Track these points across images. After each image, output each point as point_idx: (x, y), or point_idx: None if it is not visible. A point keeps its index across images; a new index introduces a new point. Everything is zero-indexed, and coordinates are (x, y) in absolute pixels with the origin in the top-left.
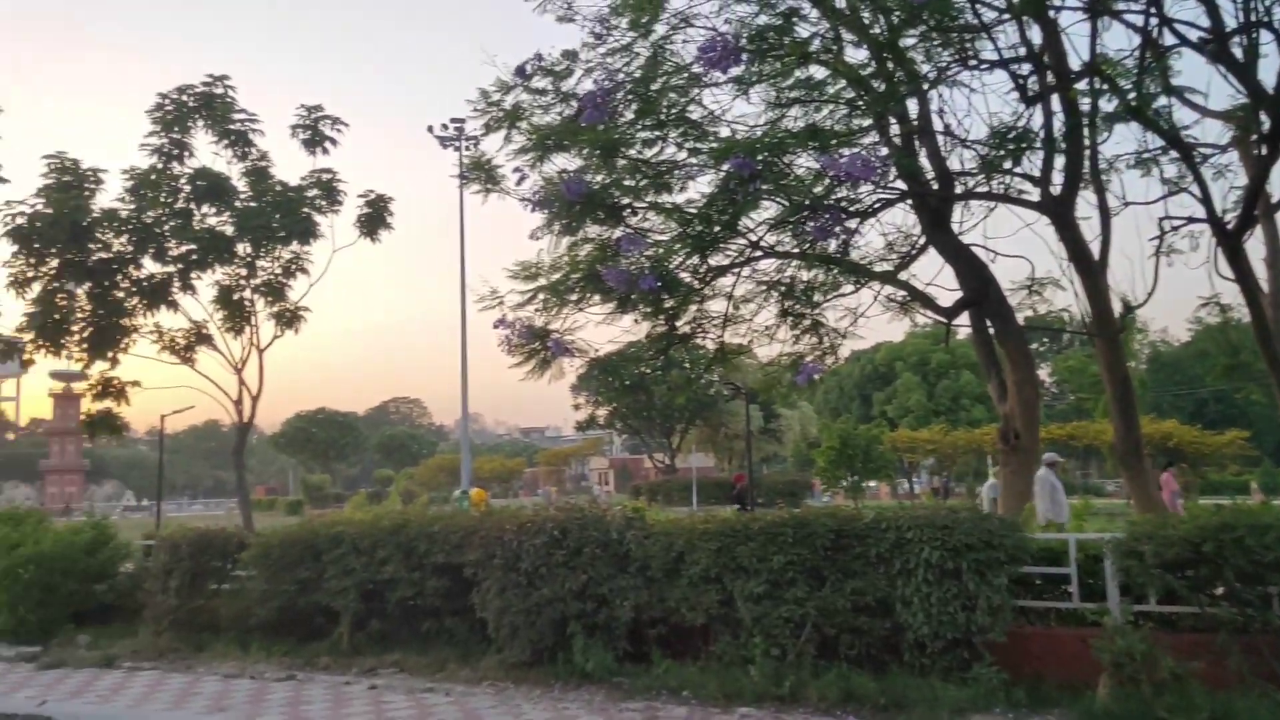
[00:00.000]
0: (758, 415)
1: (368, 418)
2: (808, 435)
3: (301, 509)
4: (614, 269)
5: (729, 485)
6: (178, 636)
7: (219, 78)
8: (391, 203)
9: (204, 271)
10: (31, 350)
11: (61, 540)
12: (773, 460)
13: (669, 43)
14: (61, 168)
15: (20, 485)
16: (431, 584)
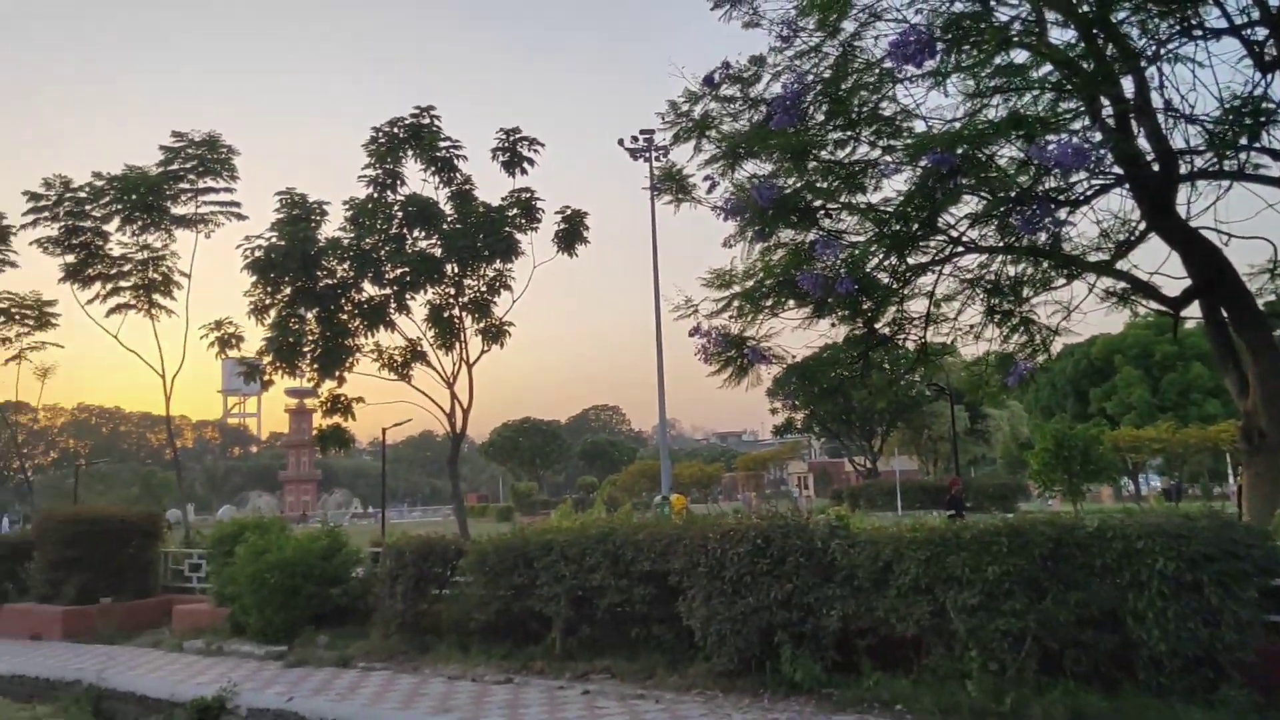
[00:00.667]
0: (963, 416)
1: (570, 425)
2: (1018, 436)
3: (512, 515)
4: (809, 274)
5: (934, 489)
6: (405, 639)
7: (425, 109)
8: (587, 217)
9: (417, 292)
10: (270, 372)
11: (301, 547)
12: (980, 462)
13: (858, 40)
14: (291, 202)
15: (263, 494)
16: (638, 591)
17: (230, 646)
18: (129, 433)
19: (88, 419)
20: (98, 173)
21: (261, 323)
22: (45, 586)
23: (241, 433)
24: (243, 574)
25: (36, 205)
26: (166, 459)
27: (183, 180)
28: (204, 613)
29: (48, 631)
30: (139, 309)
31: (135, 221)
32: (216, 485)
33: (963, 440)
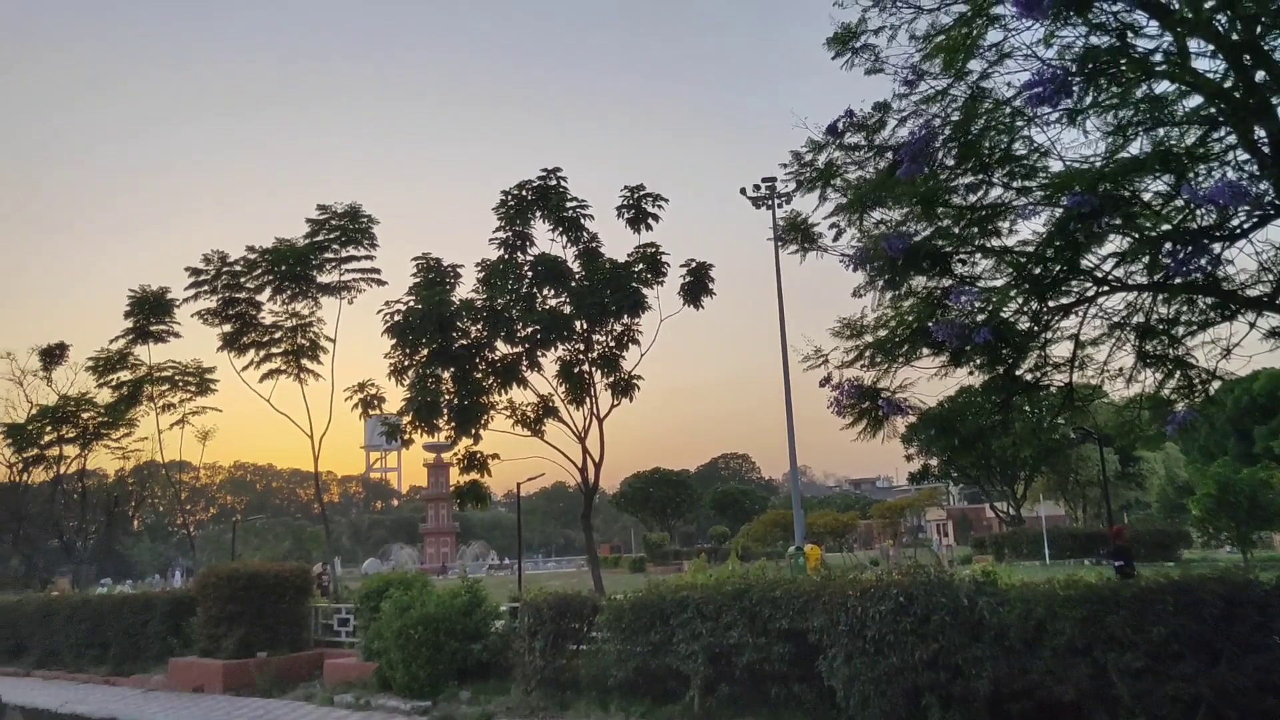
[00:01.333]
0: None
1: (699, 475)
2: (1175, 479)
3: (644, 566)
4: (943, 323)
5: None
6: (545, 695)
7: (552, 170)
8: (712, 269)
9: (547, 349)
10: (410, 430)
11: (443, 603)
12: (1134, 507)
13: (986, 80)
14: (426, 266)
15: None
16: (777, 649)
17: (378, 701)
18: (280, 488)
19: (243, 476)
20: (251, 246)
21: (401, 383)
22: (207, 640)
23: (383, 487)
24: (389, 629)
25: (197, 280)
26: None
27: (327, 250)
28: (353, 667)
29: (210, 684)
30: (289, 373)
31: (285, 291)
32: (361, 538)
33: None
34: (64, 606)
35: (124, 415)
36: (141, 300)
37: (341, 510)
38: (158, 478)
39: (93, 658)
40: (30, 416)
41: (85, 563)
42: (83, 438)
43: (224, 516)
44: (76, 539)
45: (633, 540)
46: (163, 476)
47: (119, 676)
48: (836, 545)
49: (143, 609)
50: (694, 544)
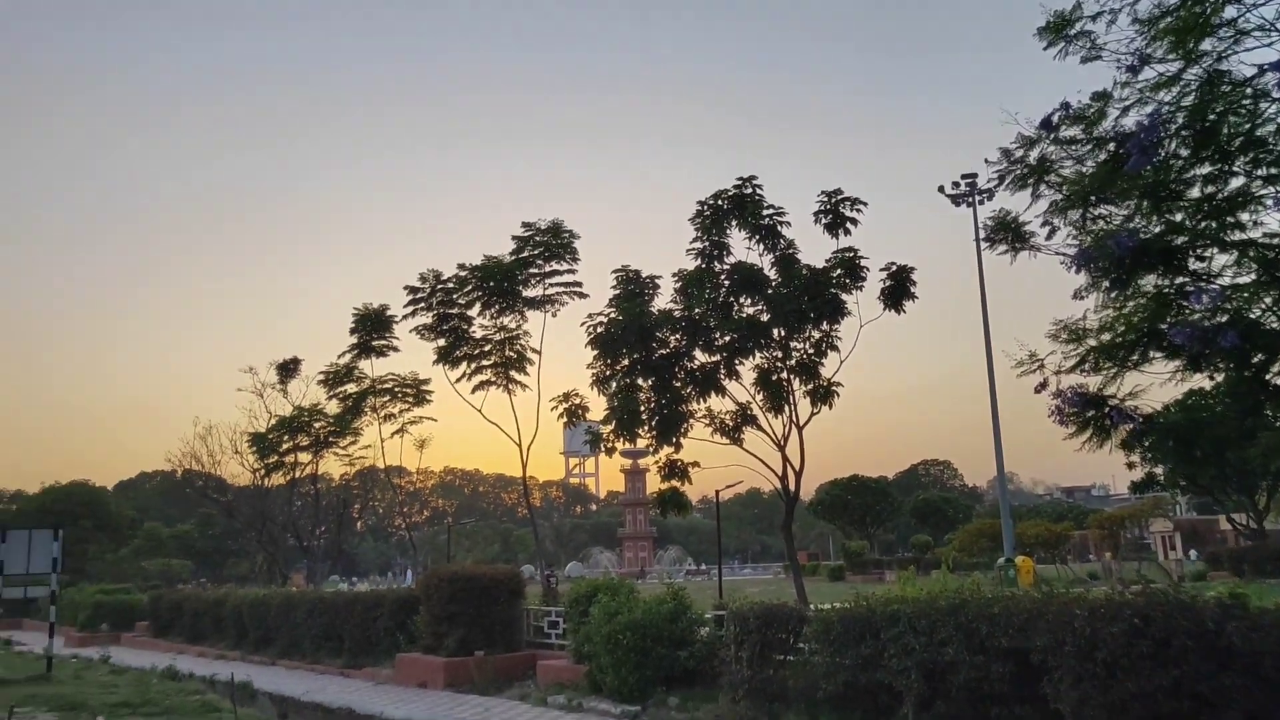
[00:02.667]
0: None
1: (898, 482)
2: None
3: (843, 574)
4: (1181, 325)
5: None
6: (752, 704)
7: (748, 179)
8: (913, 272)
9: (745, 357)
10: (612, 439)
11: (650, 609)
12: None
13: (1222, 60)
14: (626, 278)
15: (604, 551)
16: (996, 668)
17: (589, 704)
18: (486, 493)
19: (452, 481)
20: (462, 264)
21: (602, 393)
22: (430, 638)
23: (582, 492)
24: (598, 634)
25: (414, 297)
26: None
27: (531, 265)
28: (564, 669)
29: (432, 680)
30: (498, 384)
31: (493, 305)
32: (563, 541)
33: None
34: (303, 602)
35: (350, 425)
36: (365, 317)
37: (543, 514)
38: (378, 482)
39: (329, 650)
40: (270, 426)
41: (318, 560)
42: (315, 445)
43: (435, 519)
44: (310, 538)
45: (830, 548)
46: (383, 481)
47: (352, 669)
48: (1049, 557)
49: (373, 606)
50: (894, 553)
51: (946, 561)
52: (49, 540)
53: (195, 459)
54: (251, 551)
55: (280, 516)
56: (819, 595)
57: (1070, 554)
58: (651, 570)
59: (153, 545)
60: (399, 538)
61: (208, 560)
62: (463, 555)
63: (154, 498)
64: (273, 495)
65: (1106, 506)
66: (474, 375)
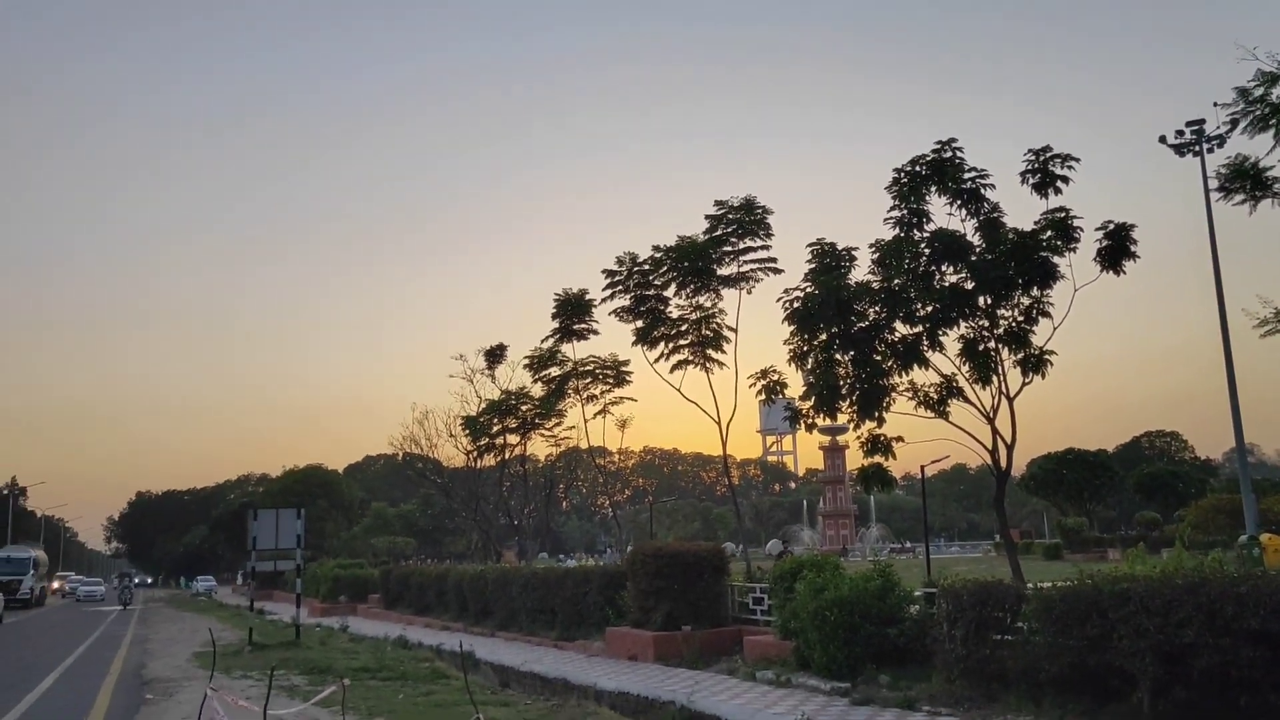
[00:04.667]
0: None
1: (1118, 455)
2: None
3: (1059, 553)
4: None
5: None
6: (969, 684)
7: (947, 142)
8: (1133, 230)
9: (949, 328)
10: (812, 415)
11: (856, 586)
12: None
13: None
14: (821, 252)
15: (804, 528)
16: (1245, 653)
17: (797, 679)
18: (685, 471)
19: (651, 460)
20: (656, 246)
21: (800, 369)
22: (638, 612)
23: (779, 469)
24: (804, 610)
25: (612, 280)
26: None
27: (725, 243)
28: (770, 644)
29: (642, 654)
30: (695, 363)
31: (688, 285)
32: (762, 519)
33: None
34: (518, 577)
35: (554, 406)
36: (565, 302)
37: (741, 492)
38: (582, 462)
39: (543, 623)
40: (480, 410)
41: (528, 538)
42: (522, 427)
43: (636, 498)
44: (520, 517)
45: (1045, 525)
46: (586, 461)
47: (565, 641)
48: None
49: (582, 581)
50: (1115, 530)
51: (1181, 538)
52: (293, 518)
53: (414, 442)
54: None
55: (492, 496)
56: (1035, 574)
57: None
58: (854, 548)
59: (380, 524)
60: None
61: (429, 538)
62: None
63: (379, 480)
64: (484, 476)
65: None
66: (671, 355)
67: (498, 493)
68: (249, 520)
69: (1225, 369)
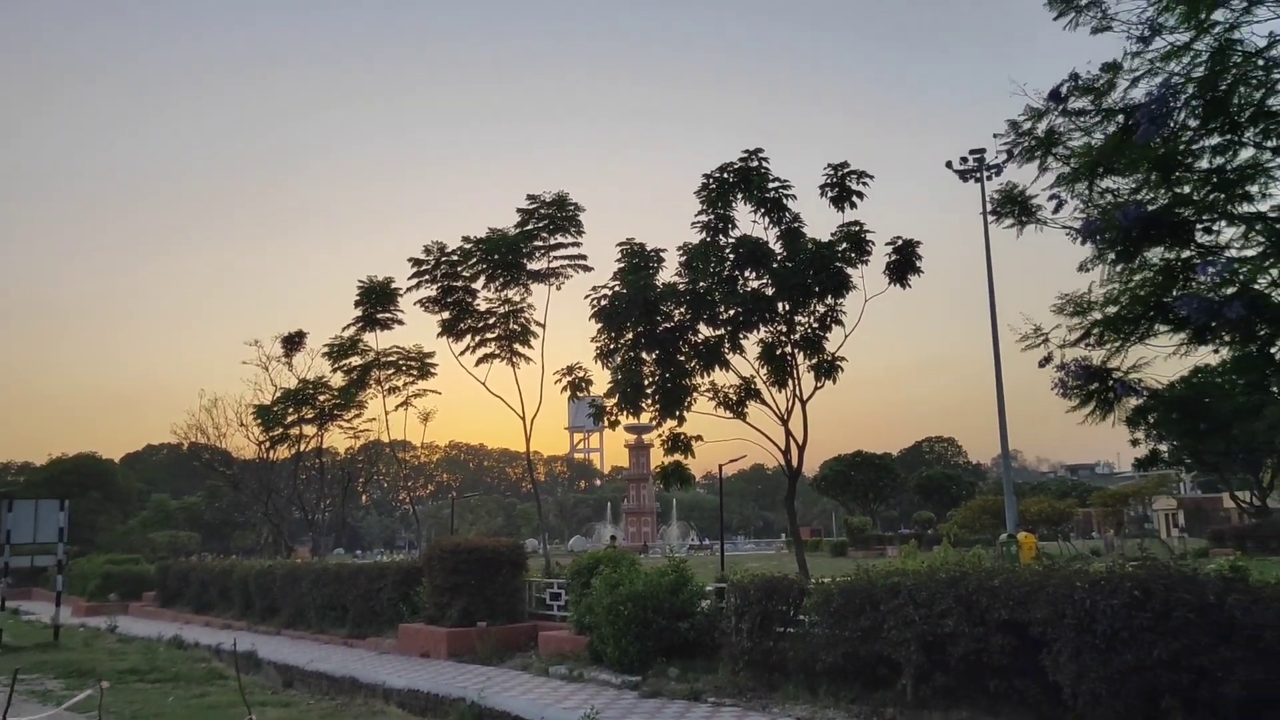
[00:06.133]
0: None
1: (902, 458)
2: None
3: (845, 550)
4: (1187, 296)
5: None
6: (752, 675)
7: (754, 152)
8: (919, 246)
9: (749, 331)
10: (615, 412)
11: (651, 581)
12: None
13: (1234, 30)
14: (631, 252)
15: (607, 525)
16: (995, 641)
17: (590, 674)
18: (491, 467)
19: (457, 455)
20: (466, 237)
21: (607, 366)
22: (433, 609)
23: (586, 466)
24: (600, 605)
25: (418, 269)
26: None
27: (536, 238)
28: (565, 639)
29: (435, 650)
30: (502, 358)
31: (498, 278)
32: (567, 516)
33: None
34: (308, 573)
35: (354, 397)
36: (369, 290)
37: (547, 489)
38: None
39: (333, 619)
40: (275, 399)
41: (323, 533)
42: (319, 418)
43: (440, 493)
44: (315, 511)
45: (833, 523)
46: (387, 455)
47: (356, 639)
48: (1051, 534)
49: (376, 577)
50: (897, 529)
51: (948, 536)
52: (55, 510)
53: (201, 431)
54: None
55: (285, 489)
56: (821, 569)
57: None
58: (655, 545)
59: (160, 517)
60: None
61: (214, 532)
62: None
63: (161, 471)
64: (278, 468)
65: (1110, 484)
66: (478, 348)
67: (292, 486)
68: (2, 512)
69: (995, 381)
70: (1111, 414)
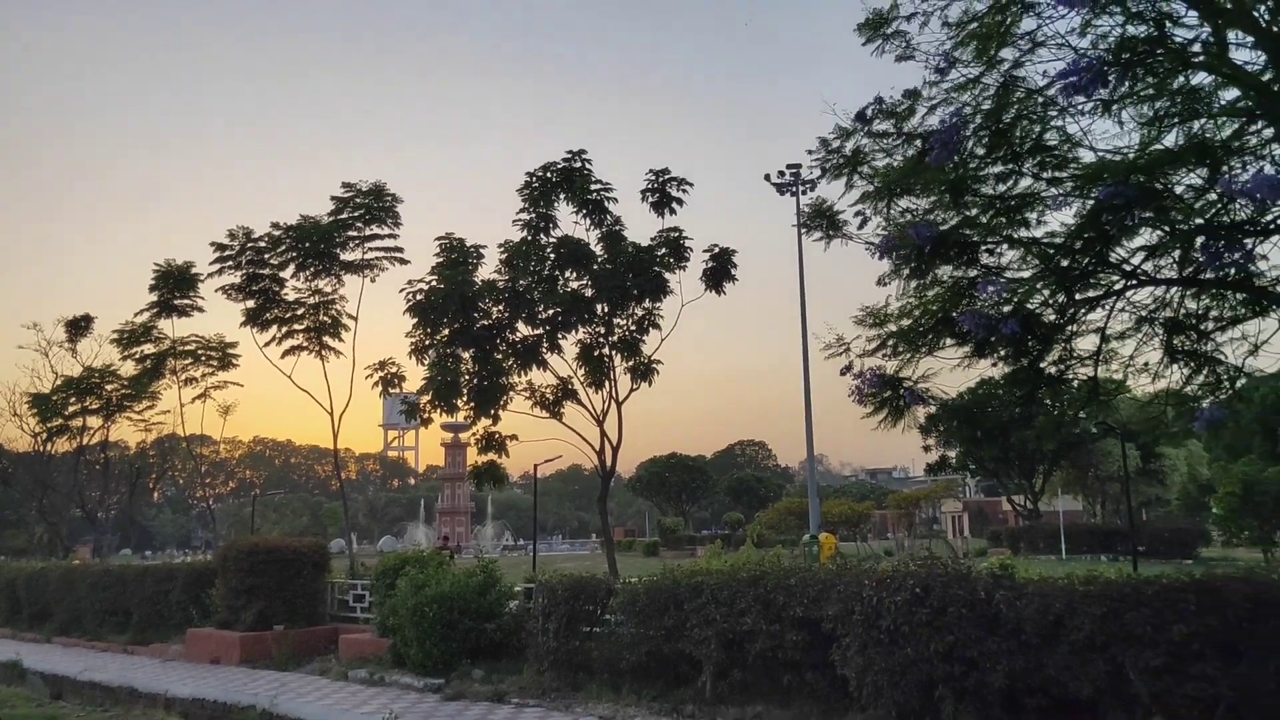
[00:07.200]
0: (1134, 455)
1: (715, 461)
2: (1197, 476)
3: (658, 550)
4: (969, 313)
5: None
6: (557, 675)
7: (577, 153)
8: (735, 255)
9: (568, 332)
10: (429, 410)
11: (458, 582)
12: (1154, 504)
13: (1019, 69)
14: (450, 247)
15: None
16: (790, 637)
17: (391, 677)
18: (299, 464)
19: (262, 451)
20: (275, 223)
21: (421, 363)
22: (227, 612)
23: (400, 465)
24: (403, 606)
25: (222, 255)
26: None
27: (351, 228)
28: (367, 642)
29: (226, 656)
30: (310, 350)
31: (308, 268)
32: (377, 515)
33: (1134, 481)
34: (88, 574)
35: (147, 388)
36: (166, 274)
37: (358, 488)
38: (179, 451)
39: (114, 625)
40: (55, 387)
41: (107, 532)
42: (106, 409)
43: (243, 491)
44: (99, 509)
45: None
46: (183, 450)
47: (139, 645)
48: (851, 535)
49: (165, 579)
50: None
51: (751, 536)
52: None
53: None
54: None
55: (64, 485)
56: (631, 570)
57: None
58: (468, 545)
59: None
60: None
61: None
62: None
63: None
64: (56, 462)
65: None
66: (285, 340)
67: (72, 481)
68: None
69: (803, 387)
70: (902, 421)
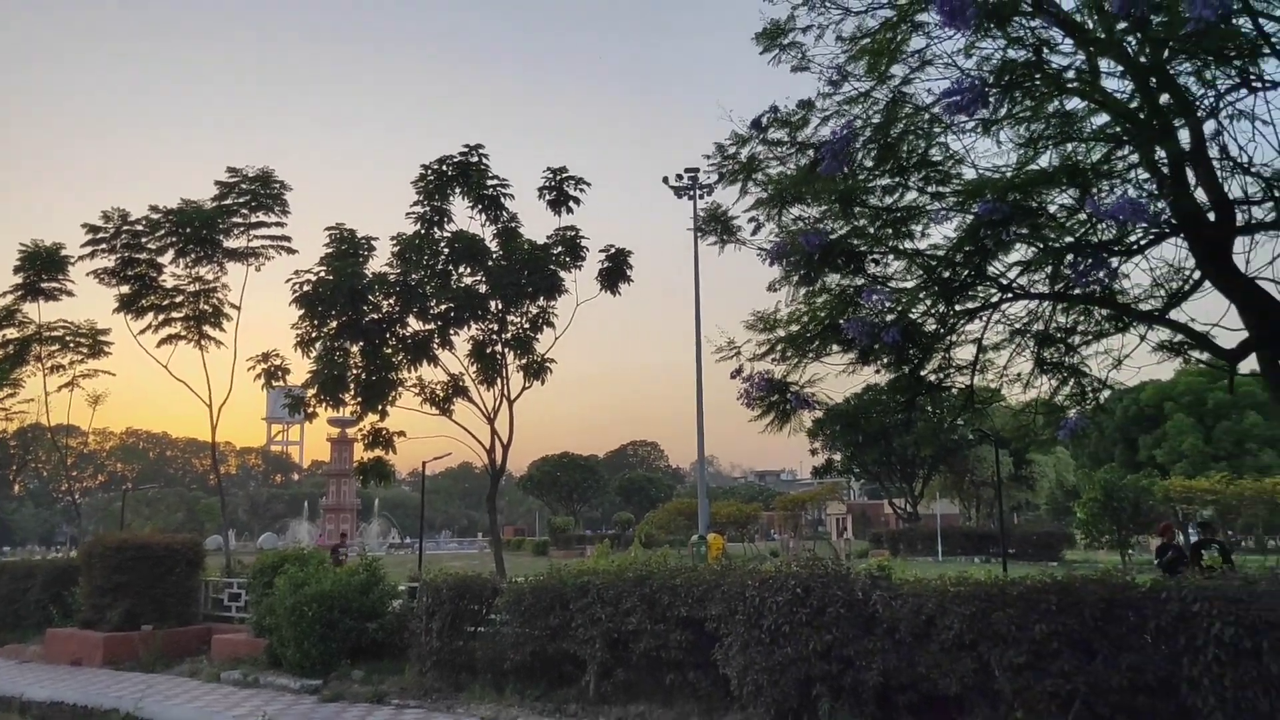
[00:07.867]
0: (1008, 461)
1: (608, 461)
2: (1064, 483)
3: (548, 549)
4: (855, 320)
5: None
6: (440, 676)
7: (474, 147)
8: (630, 256)
9: (460, 328)
10: (314, 404)
11: (340, 581)
12: (1024, 509)
13: (907, 85)
14: (340, 238)
15: (304, 522)
16: (675, 637)
17: (267, 678)
18: (175, 458)
19: (136, 444)
20: (154, 206)
21: (307, 355)
22: (90, 612)
23: (284, 460)
24: (281, 605)
25: (95, 237)
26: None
27: (236, 214)
28: (243, 643)
29: (89, 657)
30: (189, 339)
31: (189, 254)
32: (259, 512)
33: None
34: None
35: (8, 375)
36: (33, 255)
37: (239, 483)
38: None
39: None
40: None
41: None
42: None
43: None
44: None
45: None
46: (48, 441)
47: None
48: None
49: (23, 577)
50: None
51: (639, 536)
52: None
53: None
54: None
55: None
56: (520, 569)
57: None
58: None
59: None
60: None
61: None
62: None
63: None
64: None
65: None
66: (161, 328)
67: None
68: None
69: (696, 389)
70: (789, 424)
